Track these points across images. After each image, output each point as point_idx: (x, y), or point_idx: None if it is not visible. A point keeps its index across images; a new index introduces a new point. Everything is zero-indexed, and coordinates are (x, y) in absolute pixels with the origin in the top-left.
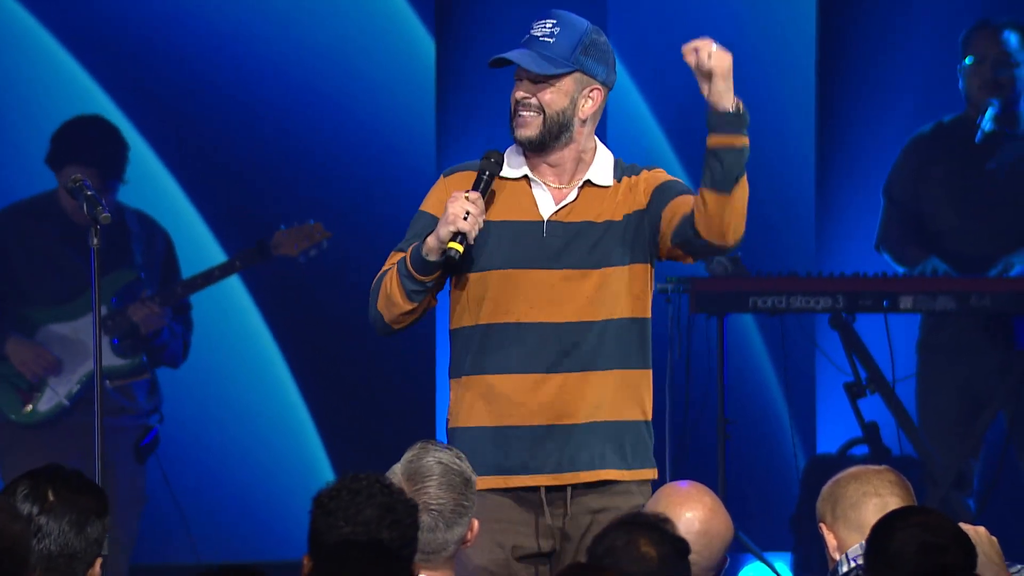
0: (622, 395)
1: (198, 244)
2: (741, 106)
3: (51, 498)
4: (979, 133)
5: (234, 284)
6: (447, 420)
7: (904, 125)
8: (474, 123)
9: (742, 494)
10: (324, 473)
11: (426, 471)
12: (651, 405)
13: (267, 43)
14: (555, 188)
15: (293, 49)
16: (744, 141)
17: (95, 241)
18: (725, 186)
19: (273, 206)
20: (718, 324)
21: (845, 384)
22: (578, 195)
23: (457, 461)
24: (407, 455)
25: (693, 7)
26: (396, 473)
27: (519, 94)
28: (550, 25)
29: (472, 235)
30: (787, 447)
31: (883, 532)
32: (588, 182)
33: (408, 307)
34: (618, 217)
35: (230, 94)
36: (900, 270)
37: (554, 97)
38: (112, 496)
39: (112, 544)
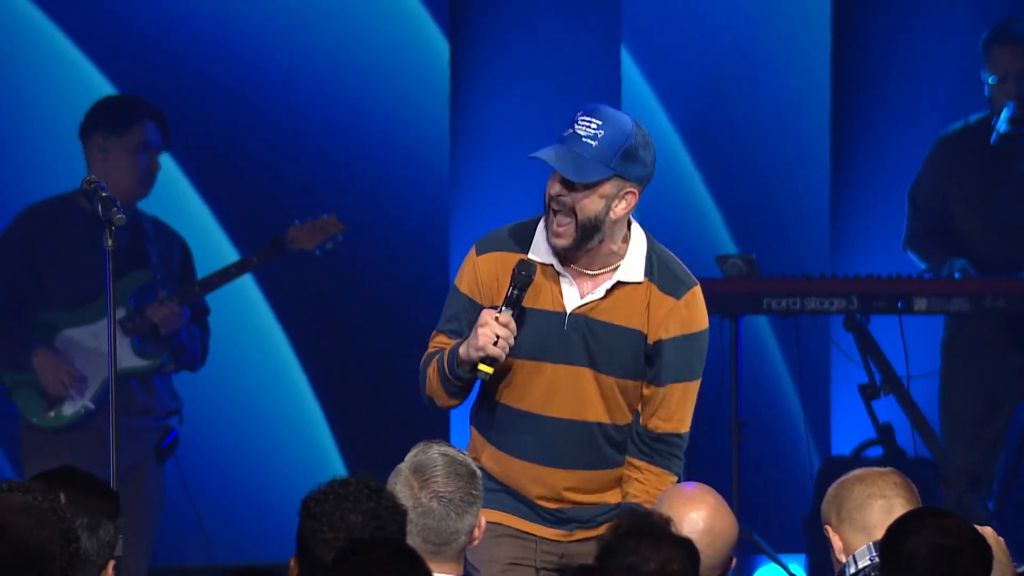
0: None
1: (212, 243)
2: None
3: (64, 501)
4: (994, 134)
5: (248, 285)
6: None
7: (920, 125)
8: (488, 124)
9: (756, 496)
10: (337, 473)
11: (431, 463)
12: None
13: (281, 43)
14: (582, 277)
15: (307, 48)
16: None
17: (110, 242)
18: None
19: (287, 206)
20: (732, 326)
21: (859, 386)
22: (606, 294)
23: (461, 454)
24: (411, 452)
25: (707, 9)
26: (402, 471)
27: (554, 190)
28: (595, 126)
29: (502, 358)
30: (801, 449)
31: (897, 534)
32: (619, 282)
33: (453, 402)
34: (644, 329)
35: (244, 94)
36: (915, 271)
37: (589, 202)
38: (139, 498)
39: (134, 546)
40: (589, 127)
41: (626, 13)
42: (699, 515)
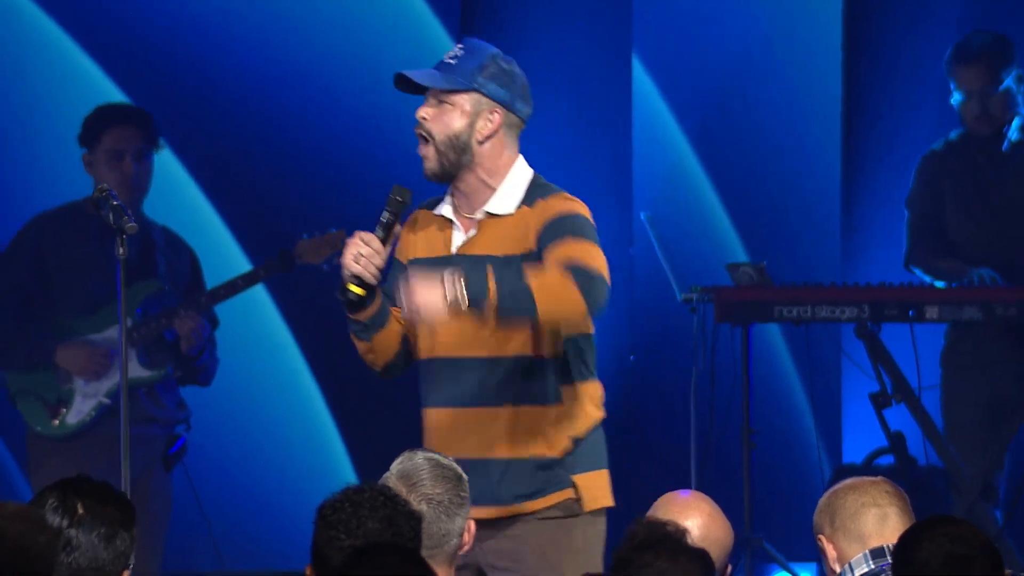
0: (521, 432)
1: (223, 253)
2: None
3: (80, 511)
4: (1006, 142)
5: (258, 292)
6: None
7: (928, 135)
8: None
9: (768, 504)
10: (348, 481)
11: (418, 468)
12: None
13: (289, 51)
14: (466, 218)
15: (315, 57)
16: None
17: (121, 251)
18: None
19: (296, 216)
20: (743, 334)
21: (871, 394)
22: (479, 228)
23: (446, 459)
24: (396, 461)
25: (718, 17)
26: (389, 478)
27: (419, 112)
28: (458, 49)
29: (367, 277)
30: (813, 457)
31: (910, 542)
32: (488, 213)
33: (361, 345)
34: (519, 252)
35: (253, 102)
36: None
37: (449, 119)
38: (144, 506)
39: (144, 552)
40: (453, 51)
41: (637, 20)
42: (695, 523)
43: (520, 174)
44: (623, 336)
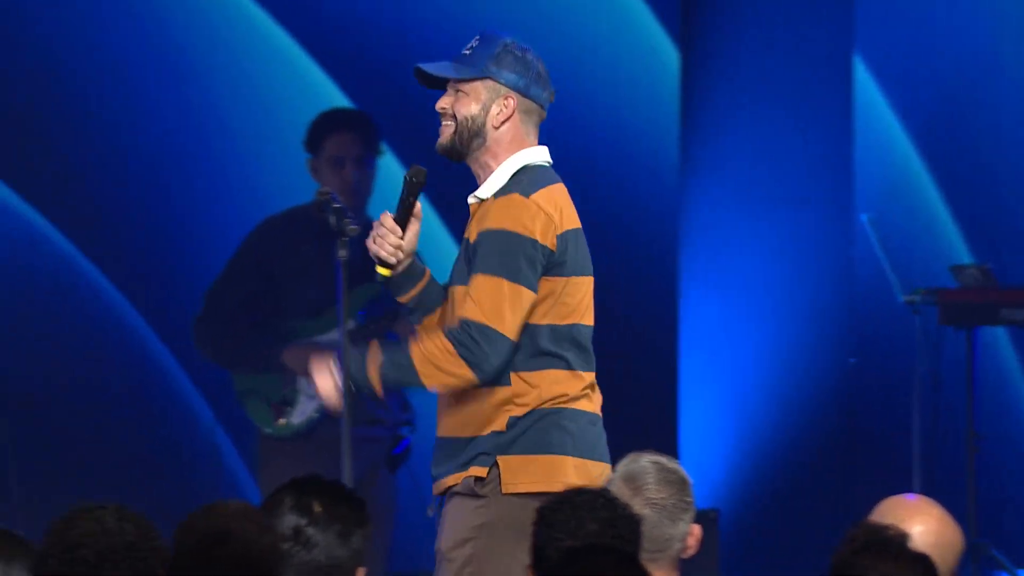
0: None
1: (443, 257)
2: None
3: (317, 509)
4: None
5: None
6: None
7: None
8: (718, 133)
9: (993, 509)
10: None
11: (643, 471)
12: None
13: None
14: (475, 202)
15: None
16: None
17: (343, 253)
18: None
19: None
20: (967, 337)
21: None
22: (471, 213)
23: (671, 463)
24: (622, 462)
25: (942, 16)
26: (614, 481)
27: (438, 104)
28: (474, 41)
29: (383, 255)
30: None
31: None
32: (476, 197)
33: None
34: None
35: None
36: None
37: (465, 105)
38: (371, 506)
39: (370, 554)
40: (470, 43)
41: (859, 20)
42: (924, 527)
43: (514, 161)
44: (843, 338)
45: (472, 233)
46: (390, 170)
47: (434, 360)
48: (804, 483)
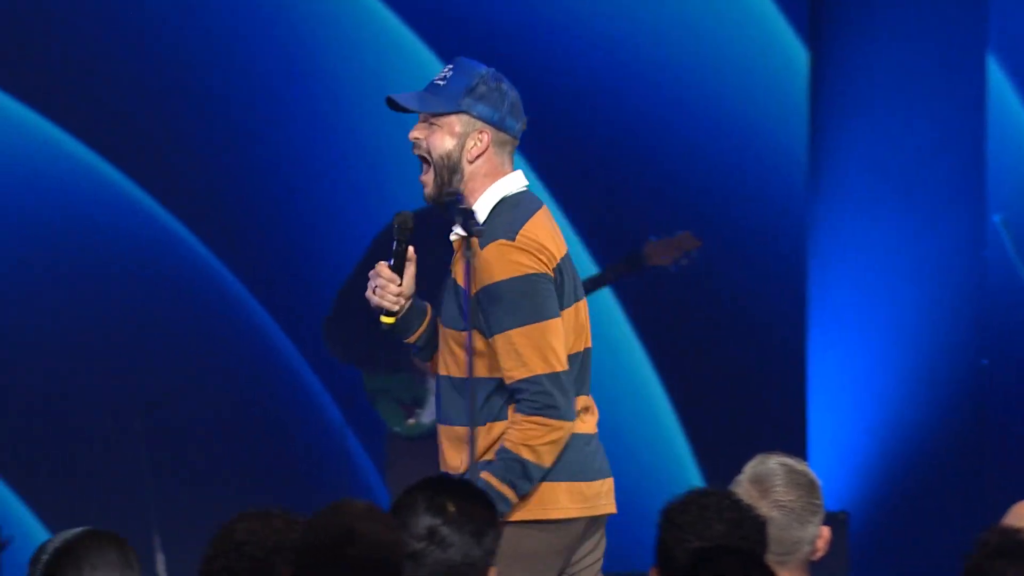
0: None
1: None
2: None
3: (451, 509)
4: None
5: (603, 294)
6: None
7: None
8: (848, 133)
9: None
10: (693, 484)
11: (771, 473)
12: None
13: (638, 49)
14: (456, 239)
15: (662, 56)
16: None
17: (470, 254)
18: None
19: (642, 219)
20: None
21: None
22: (456, 250)
23: (800, 464)
24: (750, 464)
25: None
26: (741, 483)
27: (411, 134)
28: (447, 70)
29: (385, 305)
30: None
31: None
32: (458, 234)
33: (424, 366)
34: (461, 281)
35: (603, 105)
36: None
37: (440, 140)
38: None
39: None
40: (443, 72)
41: (993, 18)
42: None
43: (491, 195)
44: (975, 340)
45: (460, 276)
46: None
47: (532, 441)
48: (935, 485)
